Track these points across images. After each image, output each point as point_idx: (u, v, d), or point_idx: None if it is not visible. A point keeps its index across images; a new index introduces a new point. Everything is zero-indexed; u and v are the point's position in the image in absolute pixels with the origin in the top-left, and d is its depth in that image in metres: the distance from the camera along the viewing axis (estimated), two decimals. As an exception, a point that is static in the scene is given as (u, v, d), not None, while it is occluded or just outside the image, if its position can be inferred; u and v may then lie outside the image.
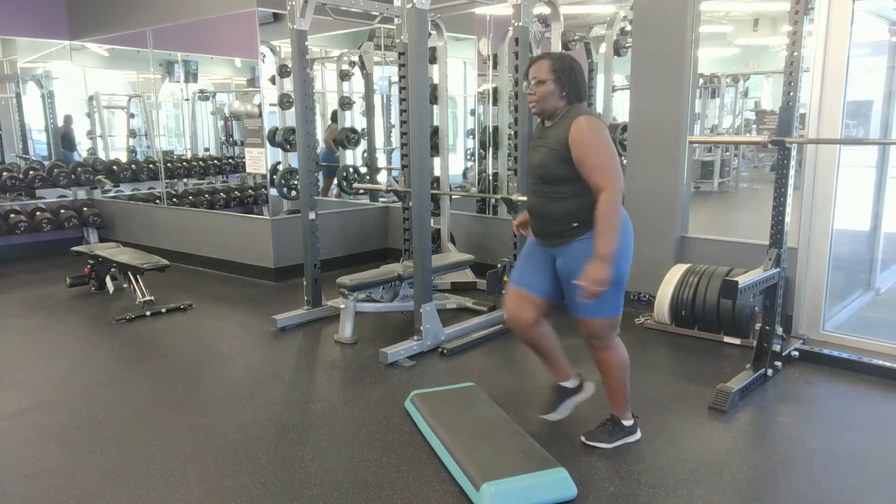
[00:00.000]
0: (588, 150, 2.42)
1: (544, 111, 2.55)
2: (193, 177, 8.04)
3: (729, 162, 9.80)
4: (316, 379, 3.56)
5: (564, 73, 2.50)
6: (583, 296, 2.42)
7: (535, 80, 2.52)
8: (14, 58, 7.53)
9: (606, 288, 2.41)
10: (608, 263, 2.39)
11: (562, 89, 2.50)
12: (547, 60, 2.53)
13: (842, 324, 4.15)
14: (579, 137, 2.42)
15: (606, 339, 2.67)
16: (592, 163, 2.41)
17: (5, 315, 4.79)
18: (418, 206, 3.80)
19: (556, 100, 2.52)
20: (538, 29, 4.76)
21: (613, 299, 2.58)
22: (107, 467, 2.61)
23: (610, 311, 2.60)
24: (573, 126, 2.44)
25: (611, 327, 2.65)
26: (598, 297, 2.46)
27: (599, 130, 2.44)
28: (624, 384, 2.72)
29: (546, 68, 2.51)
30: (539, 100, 2.52)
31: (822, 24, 3.69)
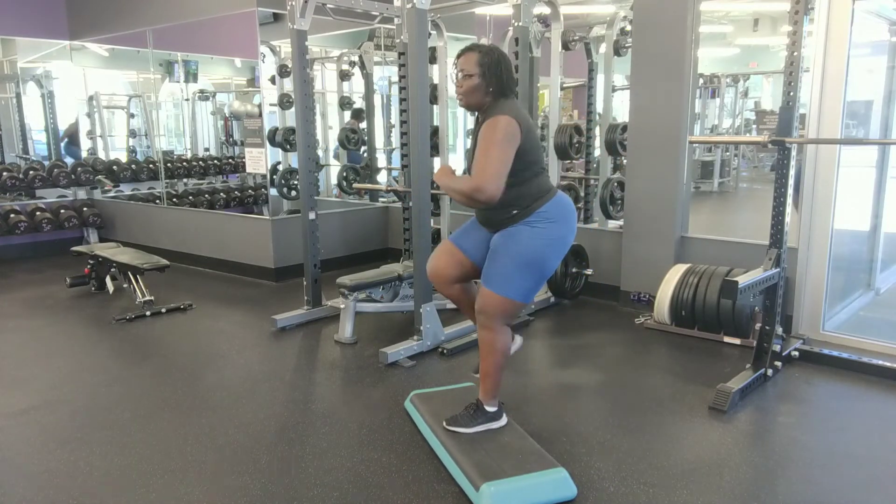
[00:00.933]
0: (481, 149, 2.39)
1: (470, 105, 2.53)
2: (193, 177, 8.04)
3: (729, 162, 9.81)
4: (316, 379, 3.56)
5: (491, 69, 2.46)
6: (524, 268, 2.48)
7: (462, 72, 2.48)
8: (14, 58, 7.54)
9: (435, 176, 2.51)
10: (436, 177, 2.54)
11: (487, 85, 2.47)
12: (475, 53, 2.48)
13: (842, 324, 4.15)
14: (483, 134, 2.40)
15: (492, 319, 2.55)
16: (478, 160, 2.39)
17: (5, 315, 4.79)
18: (418, 206, 3.80)
19: (482, 95, 2.48)
20: (538, 29, 4.76)
21: (518, 282, 2.50)
22: (107, 467, 2.61)
23: (507, 291, 2.49)
24: (488, 122, 2.42)
25: (501, 308, 2.53)
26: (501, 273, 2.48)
27: (502, 132, 2.37)
28: (497, 371, 2.64)
29: (473, 62, 2.47)
30: (465, 93, 2.49)
31: (822, 24, 3.69)
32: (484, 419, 2.69)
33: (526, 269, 2.49)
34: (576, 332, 4.29)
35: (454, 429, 2.67)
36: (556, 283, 4.67)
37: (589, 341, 4.11)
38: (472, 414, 2.69)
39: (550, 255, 2.53)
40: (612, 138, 5.04)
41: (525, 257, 2.48)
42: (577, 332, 4.28)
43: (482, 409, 2.70)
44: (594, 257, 4.85)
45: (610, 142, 5.07)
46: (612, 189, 5.07)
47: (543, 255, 2.50)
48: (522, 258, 2.49)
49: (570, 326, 4.41)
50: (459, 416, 2.70)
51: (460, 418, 2.69)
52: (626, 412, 3.07)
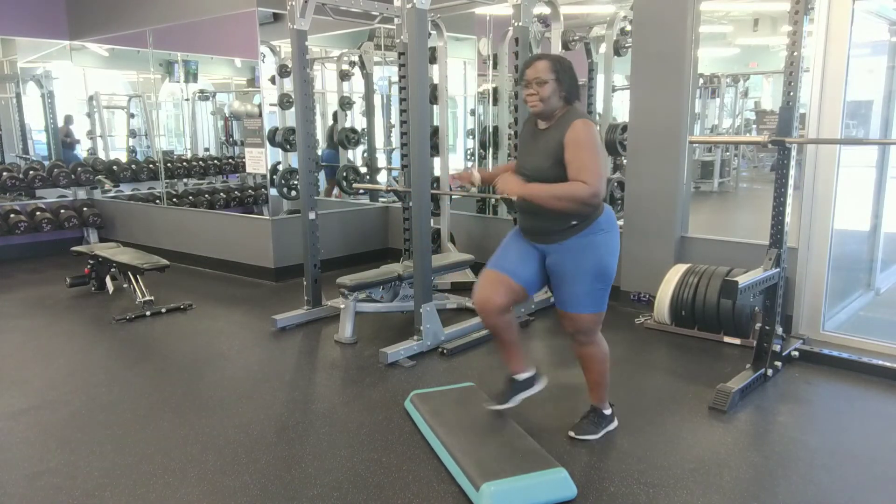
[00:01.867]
0: (581, 153, 2.45)
1: (545, 111, 2.57)
2: (193, 177, 8.04)
3: (729, 162, 9.81)
4: (316, 379, 3.56)
5: (564, 73, 2.54)
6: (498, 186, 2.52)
7: (536, 80, 2.53)
8: (14, 58, 7.54)
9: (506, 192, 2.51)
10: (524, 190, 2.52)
11: (561, 89, 2.54)
12: (546, 61, 2.56)
13: (842, 324, 4.15)
14: (576, 139, 2.46)
15: (591, 335, 2.70)
16: (582, 164, 2.44)
17: (5, 315, 4.79)
18: (418, 206, 3.80)
19: (557, 99, 2.55)
20: (538, 29, 4.76)
21: (600, 295, 2.63)
22: (107, 467, 2.61)
23: (595, 307, 2.64)
24: (571, 128, 2.48)
25: (595, 322, 2.68)
26: (585, 293, 2.58)
27: (595, 136, 2.49)
28: (605, 377, 2.80)
29: (546, 68, 2.53)
30: (543, 99, 2.53)
31: (822, 24, 3.69)
32: (605, 423, 2.85)
33: (601, 282, 2.61)
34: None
35: (584, 437, 2.78)
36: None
37: (589, 341, 4.10)
38: (595, 421, 2.83)
39: (611, 263, 2.64)
40: (612, 138, 5.04)
41: (598, 271, 2.59)
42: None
43: (601, 413, 2.85)
44: (594, 257, 4.84)
45: (610, 142, 5.07)
46: (612, 189, 5.07)
47: (611, 264, 2.63)
48: (596, 273, 2.58)
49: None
50: (584, 425, 2.82)
51: (585, 426, 2.82)
52: (626, 412, 3.07)
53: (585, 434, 2.79)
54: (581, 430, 2.81)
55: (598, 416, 2.84)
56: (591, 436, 2.79)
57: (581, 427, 2.82)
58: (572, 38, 5.04)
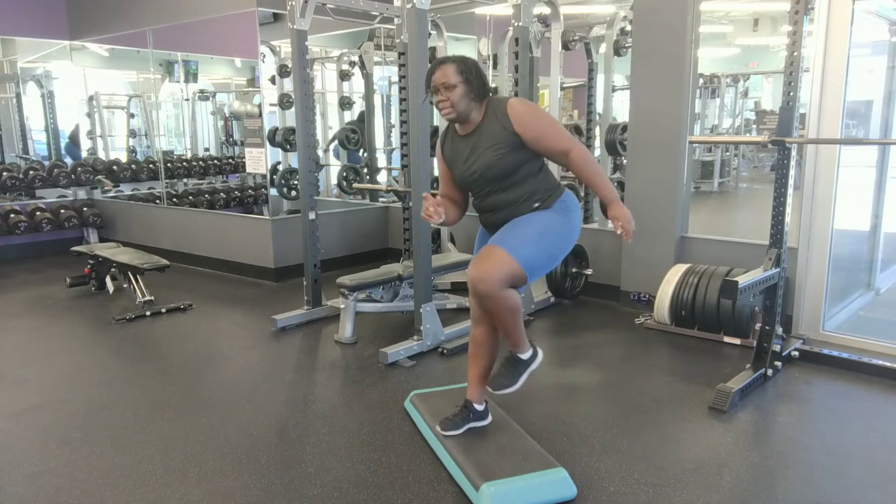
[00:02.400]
0: (542, 123, 2.44)
1: (460, 116, 2.47)
2: (193, 177, 8.04)
3: (729, 162, 9.81)
4: (316, 379, 3.56)
5: (471, 73, 2.46)
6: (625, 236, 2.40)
7: (444, 85, 2.44)
8: (14, 58, 7.54)
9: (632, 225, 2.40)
10: (620, 202, 2.42)
11: (471, 90, 2.46)
12: (452, 63, 2.47)
13: (842, 324, 4.15)
14: (526, 116, 2.42)
15: (495, 282, 2.35)
16: (551, 133, 2.43)
17: (5, 315, 4.79)
18: (418, 206, 3.80)
19: (468, 102, 2.46)
20: (538, 29, 4.76)
21: (535, 253, 2.42)
22: (107, 467, 2.61)
23: (523, 259, 2.38)
24: (510, 110, 2.42)
25: (507, 273, 2.36)
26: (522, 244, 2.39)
27: (534, 104, 2.49)
28: (516, 326, 2.50)
29: (453, 71, 2.44)
30: (453, 104, 2.44)
31: (822, 24, 3.69)
32: (524, 367, 2.60)
33: (542, 239, 2.43)
34: (576, 332, 4.29)
35: (501, 391, 2.56)
36: (556, 283, 4.67)
37: (589, 341, 4.11)
38: (513, 369, 2.58)
39: (565, 239, 2.52)
40: (612, 138, 5.05)
41: (545, 227, 2.45)
42: (577, 332, 4.28)
43: (518, 359, 2.59)
44: (594, 257, 4.85)
45: (610, 142, 5.07)
46: (612, 189, 5.06)
47: (563, 234, 2.50)
48: (542, 227, 2.45)
49: (570, 326, 4.41)
50: (498, 377, 2.58)
51: (501, 377, 2.57)
52: (626, 412, 3.07)
53: (501, 388, 2.56)
54: (496, 384, 2.57)
55: (512, 363, 2.58)
56: (509, 387, 2.56)
57: (495, 380, 2.58)
58: (572, 38, 5.04)
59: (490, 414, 2.79)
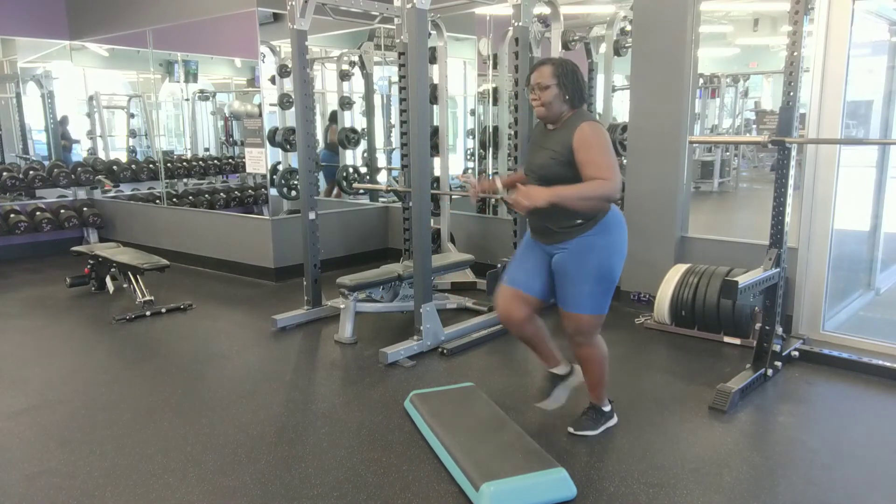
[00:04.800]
0: (592, 152, 2.48)
1: (549, 116, 2.60)
2: (193, 177, 8.04)
3: (729, 162, 9.81)
4: (316, 379, 3.56)
5: (567, 78, 2.56)
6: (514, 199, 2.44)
7: (539, 85, 2.57)
8: (14, 58, 7.54)
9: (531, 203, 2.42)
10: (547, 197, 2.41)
11: (564, 93, 2.56)
12: (549, 66, 2.59)
13: (842, 324, 4.15)
14: (584, 140, 2.49)
15: (589, 336, 2.71)
16: (596, 162, 2.47)
17: (5, 315, 4.79)
18: (418, 206, 3.80)
19: (560, 104, 2.57)
20: (538, 29, 4.76)
21: (601, 297, 2.64)
22: (107, 467, 2.61)
23: (597, 309, 2.65)
24: (578, 131, 2.50)
25: (594, 324, 2.68)
26: (586, 294, 2.59)
27: (602, 135, 2.52)
28: (604, 376, 2.82)
29: (549, 73, 2.56)
30: (545, 104, 2.57)
31: (822, 24, 3.69)
32: (604, 419, 2.89)
33: (603, 284, 2.61)
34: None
35: (582, 433, 2.82)
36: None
37: (589, 341, 4.10)
38: (594, 417, 2.87)
39: (618, 264, 2.65)
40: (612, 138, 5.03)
41: (600, 273, 2.59)
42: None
43: (600, 411, 2.88)
44: (594, 257, 4.84)
45: (610, 142, 5.05)
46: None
47: (614, 266, 2.63)
48: (598, 275, 2.60)
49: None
50: (583, 421, 2.86)
51: (584, 422, 2.86)
52: (626, 412, 3.07)
53: (584, 430, 2.83)
54: (580, 426, 2.84)
55: (596, 412, 2.87)
56: (589, 431, 2.83)
57: (580, 423, 2.85)
58: (572, 38, 5.04)
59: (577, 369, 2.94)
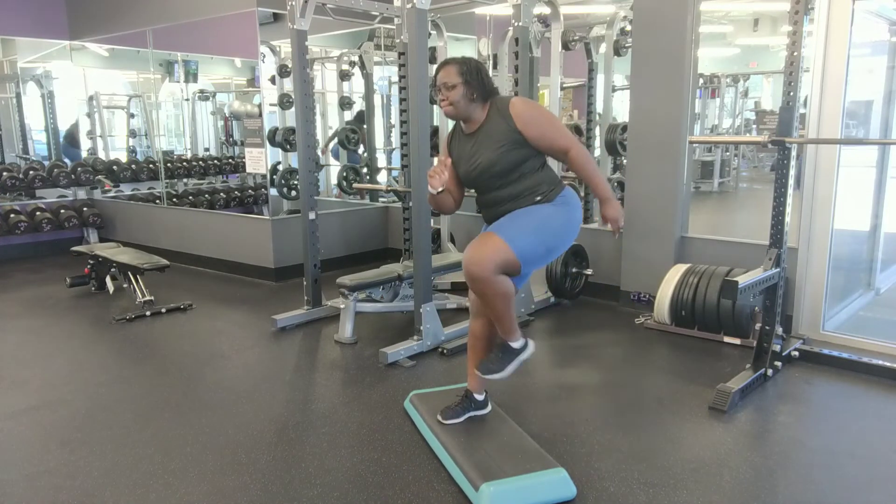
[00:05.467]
0: (543, 121, 2.53)
1: (458, 114, 2.60)
2: (193, 177, 8.04)
3: (729, 162, 9.81)
4: (316, 379, 3.56)
5: (472, 75, 2.56)
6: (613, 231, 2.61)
7: (444, 84, 2.57)
8: (14, 58, 7.54)
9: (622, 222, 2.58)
10: (614, 200, 2.57)
11: (472, 91, 2.56)
12: (453, 65, 2.59)
13: (842, 324, 4.14)
14: (528, 115, 2.52)
15: (488, 266, 2.39)
16: (552, 131, 2.52)
17: (5, 315, 4.79)
18: (418, 206, 3.80)
19: (468, 102, 2.57)
20: (538, 29, 4.76)
21: (531, 243, 2.46)
22: (107, 467, 2.61)
23: (518, 248, 2.42)
24: (512, 109, 2.52)
25: (501, 260, 2.40)
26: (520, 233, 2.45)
27: (536, 103, 2.57)
28: (507, 312, 2.54)
29: (454, 72, 2.56)
30: (452, 104, 2.56)
31: (822, 24, 3.69)
32: (513, 355, 2.65)
33: (540, 230, 2.49)
34: (576, 332, 4.29)
35: (489, 377, 2.62)
36: (556, 283, 4.67)
37: (589, 341, 4.11)
38: (500, 356, 2.64)
39: (564, 232, 2.59)
40: (612, 138, 5.04)
41: (543, 219, 2.52)
42: (577, 332, 4.28)
43: (508, 348, 2.64)
44: (594, 257, 4.85)
45: (610, 142, 5.07)
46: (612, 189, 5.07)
47: (560, 227, 2.56)
48: (541, 219, 2.51)
49: (570, 326, 4.41)
50: (488, 363, 2.64)
51: (489, 364, 2.63)
52: (626, 412, 3.07)
53: (490, 373, 2.61)
54: (485, 369, 2.63)
55: (503, 350, 2.64)
56: (496, 374, 2.61)
57: (485, 365, 2.64)
58: (572, 38, 5.04)
59: (490, 404, 2.86)
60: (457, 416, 2.78)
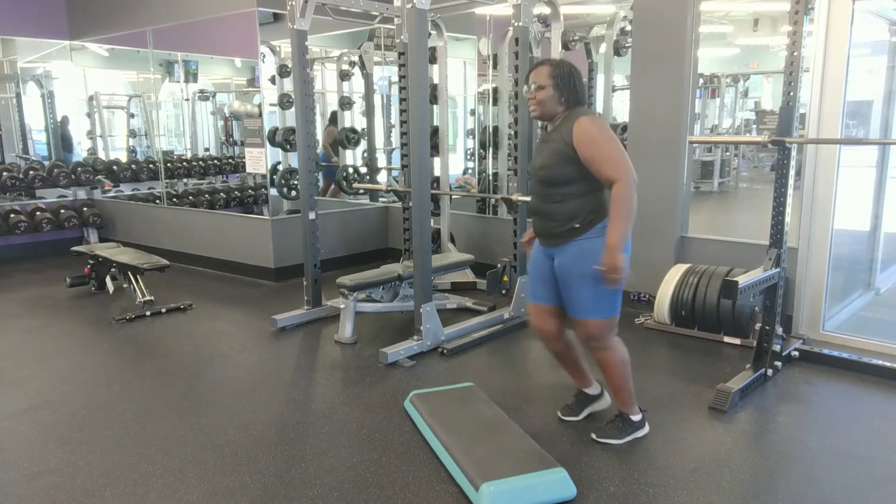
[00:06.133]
0: (595, 147, 2.49)
1: (543, 115, 2.63)
2: (193, 177, 8.04)
3: (729, 162, 9.81)
4: (316, 379, 3.56)
5: (563, 80, 2.58)
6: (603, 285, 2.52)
7: (535, 84, 2.59)
8: (14, 58, 7.54)
9: (621, 275, 2.46)
10: (618, 251, 2.45)
11: (560, 95, 2.58)
12: (547, 66, 2.61)
13: (842, 324, 4.15)
14: (585, 136, 2.49)
15: (604, 340, 2.69)
16: (602, 157, 2.48)
17: (5, 315, 4.79)
18: (418, 206, 3.80)
19: (555, 104, 2.59)
20: (538, 29, 4.76)
21: (610, 299, 2.63)
22: (107, 467, 2.61)
23: (607, 312, 2.64)
24: (576, 126, 2.51)
25: (608, 328, 2.67)
26: (591, 298, 2.57)
27: (603, 127, 2.52)
28: (626, 381, 2.75)
29: (546, 74, 2.58)
30: (539, 103, 2.60)
31: (822, 24, 3.69)
32: (632, 429, 2.79)
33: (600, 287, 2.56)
34: (576, 332, 4.28)
35: (605, 440, 2.74)
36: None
37: (589, 341, 4.10)
38: (620, 426, 2.78)
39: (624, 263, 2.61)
40: (612, 138, 5.03)
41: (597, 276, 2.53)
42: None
43: (628, 419, 2.79)
44: (594, 257, 4.84)
45: (610, 142, 5.05)
46: (612, 189, 5.06)
47: None
48: (595, 278, 2.54)
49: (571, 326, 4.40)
50: (608, 429, 2.79)
51: (609, 430, 2.78)
52: (626, 412, 3.07)
53: (608, 438, 2.75)
54: (604, 434, 2.77)
55: (623, 421, 2.79)
56: (613, 440, 2.75)
57: (604, 430, 2.78)
58: (572, 38, 5.03)
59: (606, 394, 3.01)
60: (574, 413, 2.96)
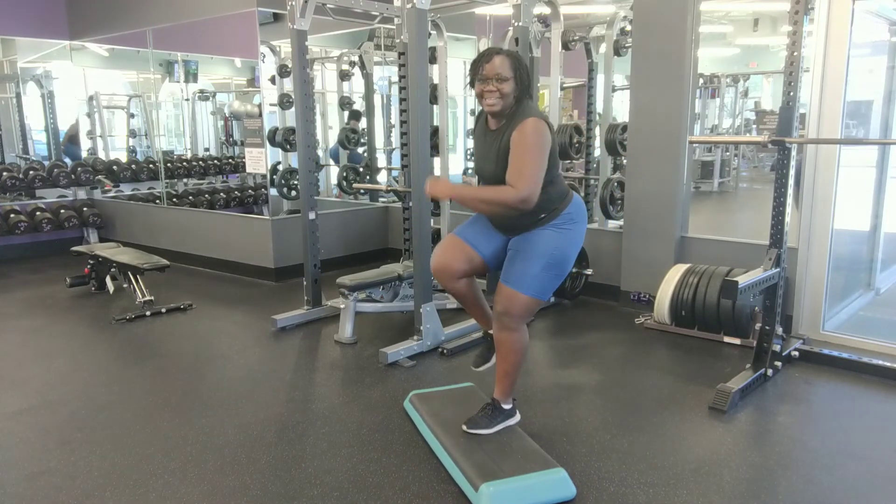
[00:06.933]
0: (520, 152, 2.36)
1: (503, 110, 2.46)
2: (193, 177, 8.04)
3: (729, 162, 9.81)
4: (316, 379, 3.56)
5: (523, 71, 2.47)
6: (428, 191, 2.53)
7: (496, 77, 2.41)
8: (14, 58, 7.54)
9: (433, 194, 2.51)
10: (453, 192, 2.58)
11: (517, 88, 2.45)
12: (506, 57, 2.45)
13: (842, 324, 4.15)
14: (520, 137, 2.37)
15: (519, 320, 2.56)
16: (517, 164, 2.36)
17: (5, 315, 4.79)
18: (418, 206, 3.80)
19: (512, 99, 2.46)
20: (538, 29, 4.76)
21: (548, 282, 2.53)
22: (107, 467, 2.61)
23: (540, 293, 2.52)
24: (519, 127, 2.38)
25: (530, 309, 2.56)
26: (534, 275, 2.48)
27: (540, 138, 2.37)
28: (517, 369, 2.66)
29: (508, 65, 2.42)
30: (503, 97, 2.43)
31: (822, 24, 3.69)
32: (502, 417, 2.71)
33: (552, 269, 2.53)
34: (576, 332, 4.29)
35: (475, 431, 2.66)
36: (556, 283, 4.66)
37: (589, 341, 4.11)
38: (490, 414, 2.70)
39: (572, 254, 2.59)
40: (612, 138, 5.04)
41: (553, 258, 2.51)
42: (577, 332, 4.28)
43: (499, 407, 2.71)
44: (594, 257, 4.85)
45: (610, 142, 5.07)
46: (612, 189, 5.07)
47: (568, 254, 2.57)
48: (550, 258, 2.50)
49: (570, 326, 4.41)
50: (478, 418, 2.70)
51: (479, 420, 2.69)
52: (626, 412, 3.07)
53: (477, 428, 2.66)
54: (473, 424, 2.68)
55: (494, 409, 2.71)
56: (483, 430, 2.66)
57: (474, 420, 2.69)
58: (572, 38, 5.04)
59: None
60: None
